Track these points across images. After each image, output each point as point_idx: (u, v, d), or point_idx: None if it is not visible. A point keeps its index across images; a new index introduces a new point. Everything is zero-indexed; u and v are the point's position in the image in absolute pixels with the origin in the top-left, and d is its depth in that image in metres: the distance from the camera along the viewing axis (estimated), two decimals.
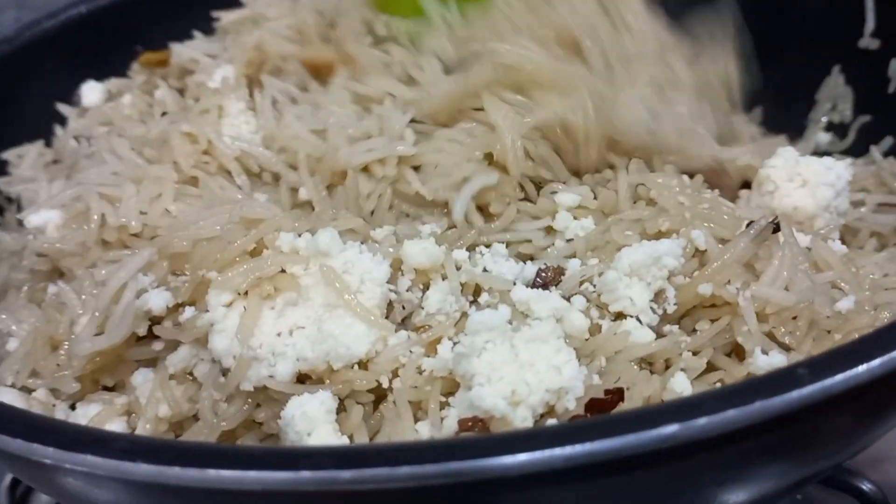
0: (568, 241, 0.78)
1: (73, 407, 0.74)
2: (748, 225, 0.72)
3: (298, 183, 0.85)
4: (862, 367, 0.51)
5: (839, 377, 0.51)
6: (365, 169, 0.83)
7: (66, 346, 0.73)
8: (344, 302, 0.69)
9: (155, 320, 0.73)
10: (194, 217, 0.77)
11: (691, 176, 0.84)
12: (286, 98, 0.93)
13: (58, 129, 1.07)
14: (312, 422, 0.63)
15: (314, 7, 1.03)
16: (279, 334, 0.69)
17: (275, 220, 0.74)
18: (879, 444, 0.73)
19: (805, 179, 0.83)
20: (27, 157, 1.03)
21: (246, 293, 0.70)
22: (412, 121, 0.86)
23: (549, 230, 0.81)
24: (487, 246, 0.78)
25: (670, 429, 0.48)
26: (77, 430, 0.60)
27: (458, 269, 0.74)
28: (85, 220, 0.80)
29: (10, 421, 0.56)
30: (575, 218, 0.80)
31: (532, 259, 0.78)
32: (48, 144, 1.06)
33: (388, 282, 0.72)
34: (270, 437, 0.69)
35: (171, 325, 0.72)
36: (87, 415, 0.72)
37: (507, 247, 0.78)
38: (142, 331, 0.72)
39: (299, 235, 0.72)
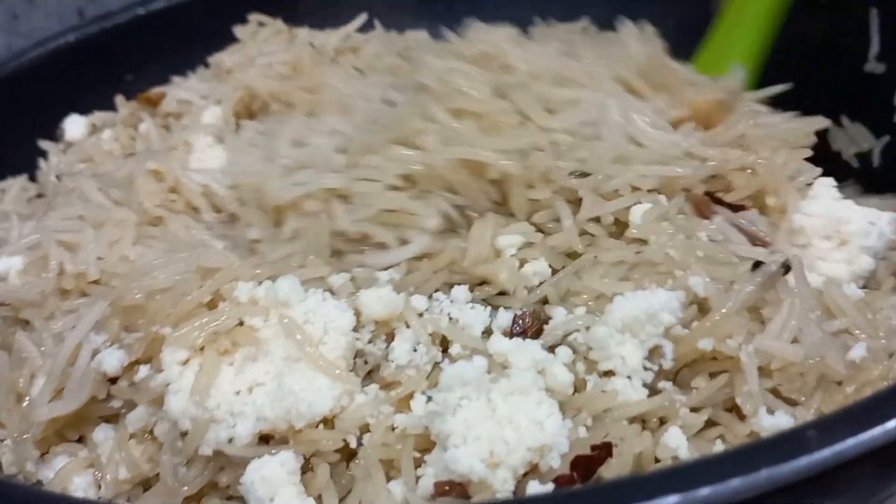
0: (530, 289, 0.70)
1: (42, 457, 0.70)
2: (754, 266, 0.66)
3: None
4: (877, 430, 0.47)
5: (851, 441, 0.46)
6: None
7: (28, 401, 0.69)
8: (305, 355, 0.64)
9: (112, 379, 0.68)
10: (150, 265, 0.71)
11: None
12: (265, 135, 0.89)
13: (42, 163, 1.05)
14: (274, 485, 0.58)
15: (312, 43, 1.01)
16: (238, 392, 0.64)
17: (232, 270, 0.69)
18: None
19: (843, 239, 0.74)
20: (10, 191, 1.00)
21: (202, 349, 0.65)
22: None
23: None
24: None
25: (670, 500, 0.44)
26: (28, 492, 0.56)
27: (420, 315, 0.68)
28: (44, 267, 0.77)
29: None
30: (524, 262, 0.71)
31: (503, 295, 0.70)
32: (32, 178, 1.04)
33: (353, 330, 0.66)
34: (237, 498, 0.64)
35: (127, 384, 0.68)
36: (54, 466, 0.68)
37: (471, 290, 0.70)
38: (101, 394, 0.68)
39: (259, 284, 0.68)
